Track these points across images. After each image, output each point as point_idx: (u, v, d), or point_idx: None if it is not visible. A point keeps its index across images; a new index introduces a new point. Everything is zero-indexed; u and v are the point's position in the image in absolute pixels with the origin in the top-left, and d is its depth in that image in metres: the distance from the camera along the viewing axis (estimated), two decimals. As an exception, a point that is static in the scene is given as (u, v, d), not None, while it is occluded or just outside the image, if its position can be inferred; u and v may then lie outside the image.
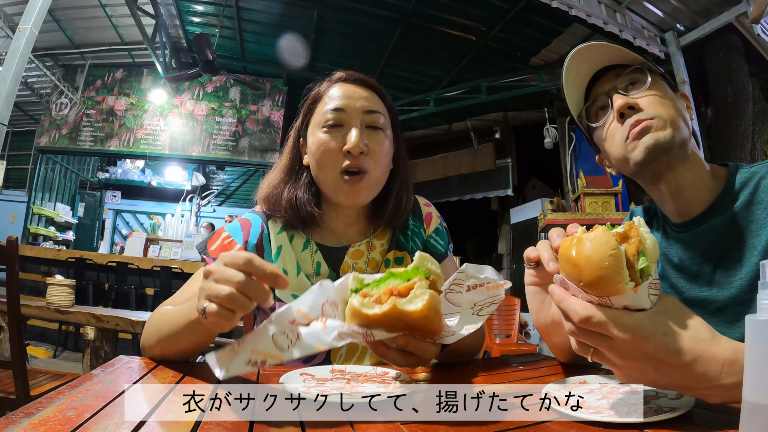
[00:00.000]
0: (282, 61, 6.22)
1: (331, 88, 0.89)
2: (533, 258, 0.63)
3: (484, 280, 0.61)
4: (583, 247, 0.46)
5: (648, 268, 0.46)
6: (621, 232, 0.47)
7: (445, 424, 0.47)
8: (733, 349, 0.46)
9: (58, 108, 6.81)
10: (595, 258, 0.45)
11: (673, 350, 0.46)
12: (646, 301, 0.47)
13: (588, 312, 0.47)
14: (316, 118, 0.88)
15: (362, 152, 0.83)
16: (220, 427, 0.44)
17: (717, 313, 0.74)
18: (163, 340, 0.70)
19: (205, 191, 9.56)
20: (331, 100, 0.86)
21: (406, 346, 0.56)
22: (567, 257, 0.48)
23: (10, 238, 1.56)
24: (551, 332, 0.72)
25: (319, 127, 0.86)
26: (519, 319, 4.41)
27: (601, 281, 0.45)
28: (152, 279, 4.99)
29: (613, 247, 0.45)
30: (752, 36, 4.27)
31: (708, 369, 0.46)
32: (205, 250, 0.87)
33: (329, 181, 0.85)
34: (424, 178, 7.62)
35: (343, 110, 0.85)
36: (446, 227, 1.02)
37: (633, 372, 0.49)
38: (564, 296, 0.50)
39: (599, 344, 0.49)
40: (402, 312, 0.51)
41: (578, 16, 4.19)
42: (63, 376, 1.93)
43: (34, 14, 3.74)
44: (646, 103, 0.76)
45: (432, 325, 0.53)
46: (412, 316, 0.51)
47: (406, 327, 0.53)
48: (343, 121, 0.85)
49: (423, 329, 0.54)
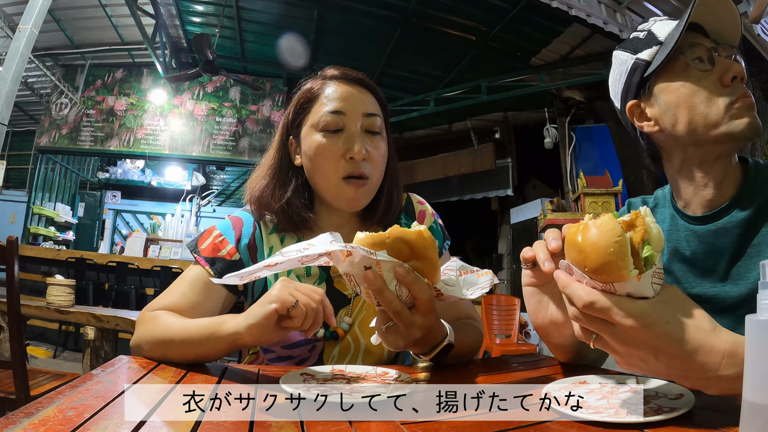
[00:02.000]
0: (282, 61, 6.21)
1: (326, 87, 0.86)
2: (529, 258, 0.64)
3: (473, 269, 0.65)
4: (589, 233, 0.47)
5: (652, 257, 0.47)
6: (627, 221, 0.48)
7: (445, 424, 0.47)
8: (733, 341, 0.47)
9: (58, 108, 6.81)
10: (600, 244, 0.46)
11: (674, 339, 0.46)
12: (650, 289, 0.47)
13: (592, 297, 0.48)
14: (312, 118, 0.85)
15: (364, 158, 0.82)
16: (220, 427, 0.44)
17: (730, 310, 0.72)
18: (170, 347, 0.70)
19: (205, 191, 9.56)
20: (329, 101, 0.84)
21: (404, 277, 0.56)
22: (573, 243, 0.49)
23: (10, 238, 1.56)
24: (549, 333, 0.72)
25: (317, 130, 0.84)
26: (519, 319, 4.41)
27: (606, 267, 0.46)
28: (152, 279, 4.99)
29: (618, 234, 0.46)
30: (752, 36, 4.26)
31: (708, 359, 0.46)
32: (196, 248, 0.86)
33: (330, 186, 0.84)
34: (424, 178, 7.62)
35: (343, 113, 0.83)
36: (442, 224, 1.01)
37: (634, 360, 0.49)
38: (569, 281, 0.51)
39: (602, 330, 0.49)
40: (404, 232, 0.56)
41: (578, 16, 4.19)
42: (63, 376, 1.93)
43: (34, 14, 3.75)
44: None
45: (429, 252, 0.57)
46: (411, 235, 0.56)
47: (408, 251, 0.56)
48: (342, 125, 0.83)
49: (422, 256, 0.57)
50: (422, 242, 0.56)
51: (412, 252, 0.56)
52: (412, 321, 0.58)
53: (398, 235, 0.56)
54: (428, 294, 0.58)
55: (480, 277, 0.64)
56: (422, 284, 0.57)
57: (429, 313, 0.59)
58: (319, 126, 0.84)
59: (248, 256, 0.88)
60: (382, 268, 0.56)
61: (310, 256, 0.57)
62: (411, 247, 0.56)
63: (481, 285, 0.63)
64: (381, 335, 0.62)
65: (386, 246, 0.56)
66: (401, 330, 0.60)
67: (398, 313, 0.58)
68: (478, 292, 0.62)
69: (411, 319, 0.58)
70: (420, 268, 0.57)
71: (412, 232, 0.56)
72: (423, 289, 0.57)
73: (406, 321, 0.58)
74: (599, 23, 4.27)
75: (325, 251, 0.56)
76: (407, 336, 0.60)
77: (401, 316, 0.58)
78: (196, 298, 0.80)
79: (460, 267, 0.66)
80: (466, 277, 0.64)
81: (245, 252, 0.87)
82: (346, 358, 0.86)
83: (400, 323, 0.59)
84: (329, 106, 0.84)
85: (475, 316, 0.91)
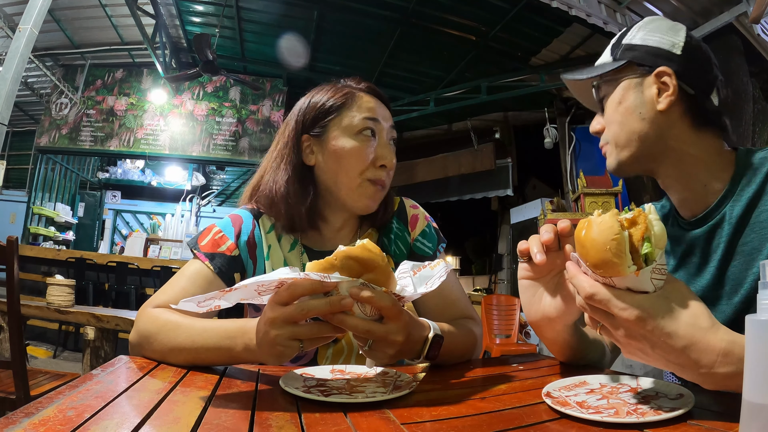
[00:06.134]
0: (282, 61, 6.22)
1: (359, 94, 0.89)
2: (524, 251, 0.66)
3: (425, 263, 0.67)
4: (591, 230, 0.50)
5: (652, 253, 0.48)
6: (629, 218, 0.49)
7: (445, 424, 0.47)
8: (730, 341, 0.47)
9: (58, 108, 6.81)
10: (599, 241, 0.48)
11: (668, 334, 0.48)
12: (649, 285, 0.49)
13: (593, 289, 0.51)
14: (343, 122, 0.87)
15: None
16: (220, 427, 0.44)
17: (733, 310, 0.71)
18: (174, 354, 0.70)
19: (205, 191, 9.55)
20: (365, 109, 0.87)
21: (361, 294, 0.56)
22: (578, 238, 0.51)
23: (10, 238, 1.56)
24: (542, 327, 0.72)
25: (351, 133, 0.86)
26: (519, 319, 4.41)
27: (604, 263, 0.48)
28: (152, 279, 4.99)
29: (616, 233, 0.48)
30: (752, 36, 4.26)
31: (702, 357, 0.47)
32: (196, 245, 0.86)
33: (353, 186, 0.86)
34: (424, 178, 7.62)
35: (378, 122, 0.88)
36: (436, 227, 1.01)
37: (634, 350, 0.52)
38: (575, 272, 0.54)
39: (603, 320, 0.52)
40: (349, 250, 0.57)
41: (578, 16, 4.18)
42: (63, 376, 1.93)
43: (34, 14, 3.74)
44: (605, 121, 0.78)
45: (378, 261, 0.58)
46: (356, 251, 0.57)
47: (358, 266, 0.57)
48: (376, 132, 0.88)
49: (373, 267, 0.58)
50: (369, 255, 0.57)
51: (363, 266, 0.57)
52: (386, 331, 0.58)
53: (345, 254, 0.57)
54: (389, 300, 0.58)
55: (434, 269, 0.65)
56: (380, 294, 0.57)
57: (398, 317, 0.59)
58: (354, 130, 0.86)
59: (247, 252, 0.88)
60: (339, 289, 0.57)
61: (266, 285, 0.57)
62: (360, 262, 0.57)
63: (437, 275, 0.64)
64: (368, 355, 0.62)
65: (336, 267, 0.57)
66: (382, 344, 0.60)
67: (369, 331, 0.58)
68: (437, 282, 0.62)
69: (384, 330, 0.58)
70: (375, 279, 0.58)
71: (357, 247, 0.57)
72: (382, 297, 0.57)
73: (381, 334, 0.58)
74: (599, 23, 4.27)
75: (278, 280, 0.56)
76: (390, 345, 0.60)
77: (373, 332, 0.58)
78: (196, 292, 0.80)
79: (413, 266, 0.67)
80: (421, 273, 0.65)
81: (244, 248, 0.88)
82: (339, 359, 0.87)
83: (376, 338, 0.59)
84: (366, 113, 0.87)
85: (474, 316, 0.91)
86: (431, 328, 0.69)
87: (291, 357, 0.59)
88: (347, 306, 0.56)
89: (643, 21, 0.78)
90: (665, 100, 0.71)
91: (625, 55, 0.75)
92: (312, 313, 0.56)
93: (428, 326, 0.69)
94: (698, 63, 0.73)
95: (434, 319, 0.74)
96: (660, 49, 0.73)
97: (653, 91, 0.72)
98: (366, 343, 0.60)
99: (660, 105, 0.71)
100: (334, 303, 0.56)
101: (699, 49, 0.74)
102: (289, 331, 0.56)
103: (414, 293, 0.62)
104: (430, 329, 0.69)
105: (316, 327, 0.58)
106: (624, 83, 0.75)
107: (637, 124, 0.73)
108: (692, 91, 0.71)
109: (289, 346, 0.57)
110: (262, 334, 0.59)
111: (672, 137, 0.72)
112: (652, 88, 0.72)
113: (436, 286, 0.62)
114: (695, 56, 0.72)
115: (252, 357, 0.65)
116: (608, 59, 0.79)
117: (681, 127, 0.72)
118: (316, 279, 0.55)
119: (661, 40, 0.73)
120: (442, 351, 0.69)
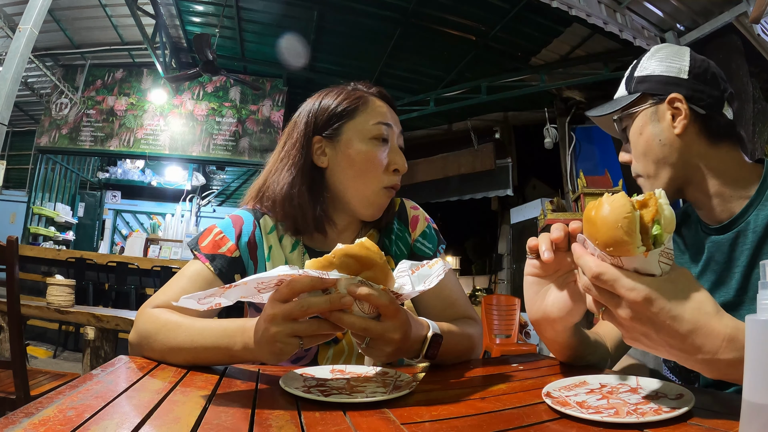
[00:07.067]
0: (282, 61, 6.21)
1: (372, 99, 0.89)
2: (534, 247, 0.66)
3: (423, 262, 0.67)
4: (602, 208, 0.50)
5: (661, 236, 0.49)
6: (641, 200, 0.50)
7: (445, 424, 0.47)
8: (735, 327, 0.48)
9: (58, 108, 6.81)
10: (610, 219, 0.48)
11: (674, 317, 0.48)
12: (656, 267, 0.49)
13: (600, 269, 0.51)
14: (357, 125, 0.87)
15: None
16: (220, 427, 0.44)
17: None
18: (174, 354, 0.70)
19: (205, 191, 9.56)
20: (378, 114, 0.88)
21: (359, 292, 0.56)
22: (588, 217, 0.52)
23: (10, 238, 1.56)
24: (542, 326, 0.72)
25: (366, 138, 0.86)
26: (519, 319, 4.42)
27: (614, 241, 0.48)
28: (152, 279, 4.99)
29: (628, 211, 0.48)
30: (752, 36, 4.26)
31: (706, 342, 0.48)
32: (197, 246, 0.86)
33: (368, 193, 0.86)
34: (424, 178, 7.61)
35: (391, 127, 0.88)
36: (436, 228, 1.00)
37: (637, 334, 0.52)
38: (582, 253, 0.54)
39: (608, 302, 0.52)
40: (347, 247, 0.58)
41: (578, 16, 4.18)
42: (63, 376, 1.93)
43: (34, 14, 3.74)
44: (632, 153, 0.83)
45: (376, 259, 0.58)
46: (355, 249, 0.57)
47: (356, 264, 0.57)
48: (389, 137, 0.88)
49: (371, 265, 0.58)
50: (366, 252, 0.57)
51: (361, 264, 0.57)
52: (383, 328, 0.58)
53: (343, 252, 0.57)
54: (387, 297, 0.58)
55: (432, 267, 0.65)
56: (378, 291, 0.57)
57: (396, 315, 0.59)
58: (369, 134, 0.86)
59: (248, 253, 0.88)
60: (338, 286, 0.57)
61: (266, 282, 0.57)
62: (358, 260, 0.57)
63: (435, 273, 0.64)
64: (366, 353, 0.62)
65: (335, 265, 0.57)
66: (380, 342, 0.60)
67: (366, 329, 0.58)
68: (435, 280, 0.63)
69: (382, 328, 0.58)
70: (373, 277, 0.58)
71: (355, 245, 0.58)
72: (381, 295, 0.57)
73: (378, 331, 0.58)
74: (599, 23, 4.26)
75: (278, 278, 0.56)
76: (387, 343, 0.60)
77: (371, 330, 0.58)
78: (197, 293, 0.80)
79: (411, 265, 0.67)
80: (420, 272, 0.65)
81: (245, 250, 0.88)
82: (339, 360, 0.87)
83: (373, 336, 0.59)
84: (380, 118, 0.87)
85: (473, 316, 0.91)
86: (430, 327, 0.69)
87: (290, 354, 0.59)
88: (347, 304, 0.56)
89: (650, 51, 0.83)
90: (680, 123, 0.76)
91: (639, 87, 0.81)
92: (312, 309, 0.56)
93: (427, 325, 0.69)
94: (705, 82, 0.77)
95: (434, 319, 0.74)
96: (668, 76, 0.78)
97: (668, 117, 0.77)
98: (363, 341, 0.60)
99: (676, 129, 0.77)
100: (334, 300, 0.56)
101: (704, 68, 0.78)
102: (289, 328, 0.57)
103: (412, 291, 0.62)
104: (429, 328, 0.69)
105: (315, 324, 0.58)
106: (641, 114, 0.80)
107: (660, 151, 0.78)
108: (703, 111, 0.76)
109: (289, 344, 0.57)
110: (262, 331, 0.59)
111: (693, 155, 0.77)
112: (667, 115, 0.77)
113: (434, 284, 0.62)
114: (701, 77, 0.77)
115: (251, 356, 0.65)
116: (624, 93, 0.84)
117: (699, 145, 0.77)
118: (315, 276, 0.55)
119: (669, 68, 0.78)
120: (441, 350, 0.69)
